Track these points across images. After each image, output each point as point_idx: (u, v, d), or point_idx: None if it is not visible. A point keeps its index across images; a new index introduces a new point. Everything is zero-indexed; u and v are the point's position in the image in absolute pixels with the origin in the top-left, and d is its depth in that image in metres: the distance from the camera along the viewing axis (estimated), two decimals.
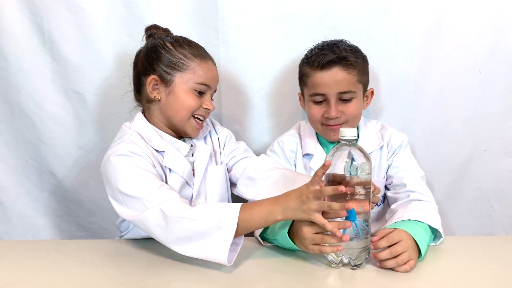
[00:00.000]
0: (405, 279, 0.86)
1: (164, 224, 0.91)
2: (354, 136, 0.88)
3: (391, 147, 1.23)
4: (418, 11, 1.33)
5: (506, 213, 1.45)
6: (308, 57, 1.20)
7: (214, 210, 0.91)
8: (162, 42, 1.11)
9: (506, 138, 1.41)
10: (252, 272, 0.90)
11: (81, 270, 0.92)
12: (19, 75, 1.35)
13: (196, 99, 1.10)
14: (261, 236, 1.03)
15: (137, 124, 1.11)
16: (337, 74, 1.13)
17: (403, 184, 1.16)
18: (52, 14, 1.31)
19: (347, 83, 1.14)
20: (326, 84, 1.14)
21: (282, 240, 0.97)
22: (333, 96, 1.14)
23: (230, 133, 1.27)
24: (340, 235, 0.84)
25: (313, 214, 0.86)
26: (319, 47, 1.19)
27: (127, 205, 0.98)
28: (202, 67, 1.10)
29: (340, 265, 0.90)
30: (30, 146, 1.41)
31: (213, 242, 0.88)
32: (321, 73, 1.14)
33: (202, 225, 0.89)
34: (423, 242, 0.93)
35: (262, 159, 1.22)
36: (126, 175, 0.98)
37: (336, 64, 1.13)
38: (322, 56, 1.14)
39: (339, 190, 0.82)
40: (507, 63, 1.36)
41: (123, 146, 1.03)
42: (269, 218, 0.90)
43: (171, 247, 0.92)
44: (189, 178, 1.12)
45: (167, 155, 1.09)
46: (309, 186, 0.86)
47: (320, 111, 1.17)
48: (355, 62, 1.15)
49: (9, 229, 1.44)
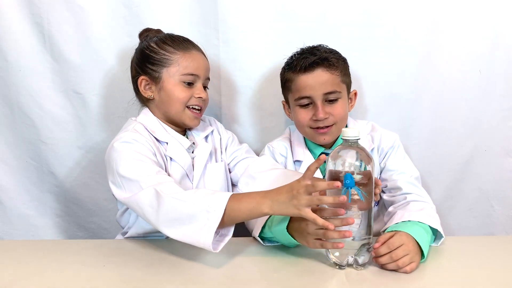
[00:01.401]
0: (406, 279, 0.86)
1: (156, 204, 0.92)
2: (357, 136, 0.87)
3: (382, 150, 1.21)
4: (418, 11, 1.33)
5: (506, 213, 1.45)
6: (289, 63, 1.20)
7: (205, 194, 0.92)
8: (147, 43, 1.15)
9: (506, 138, 1.41)
10: (252, 272, 0.90)
11: (81, 270, 0.92)
12: (19, 75, 1.35)
13: (185, 90, 1.12)
14: (261, 236, 1.03)
15: (143, 117, 1.16)
16: (320, 75, 1.14)
17: (398, 188, 1.14)
18: (52, 14, 1.32)
19: (331, 84, 1.14)
20: (310, 86, 1.14)
21: (281, 236, 0.96)
22: (319, 97, 1.14)
23: (233, 135, 1.29)
24: (332, 228, 0.82)
25: (303, 209, 0.84)
26: (299, 52, 1.19)
27: (125, 188, 1.00)
28: (186, 58, 1.12)
29: (345, 267, 0.90)
30: (30, 146, 1.41)
31: (200, 226, 0.88)
32: (305, 75, 1.14)
33: (191, 208, 0.89)
34: (425, 243, 0.93)
35: (263, 159, 1.23)
36: (127, 159, 1.02)
37: (318, 65, 1.14)
38: (304, 60, 1.14)
39: (334, 186, 0.81)
40: (507, 63, 1.36)
41: (127, 134, 1.07)
42: (255, 210, 0.89)
43: (160, 229, 0.93)
44: (189, 171, 1.14)
45: (170, 146, 1.13)
46: (301, 181, 0.85)
47: (308, 115, 1.17)
48: (336, 62, 1.16)
49: (9, 229, 1.45)
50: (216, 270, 0.91)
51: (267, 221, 1.00)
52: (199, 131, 1.22)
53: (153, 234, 1.11)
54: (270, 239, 1.02)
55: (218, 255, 0.95)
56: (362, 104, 1.38)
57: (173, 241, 1.04)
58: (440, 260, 0.95)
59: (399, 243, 0.89)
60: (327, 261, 0.92)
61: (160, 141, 1.13)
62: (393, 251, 0.88)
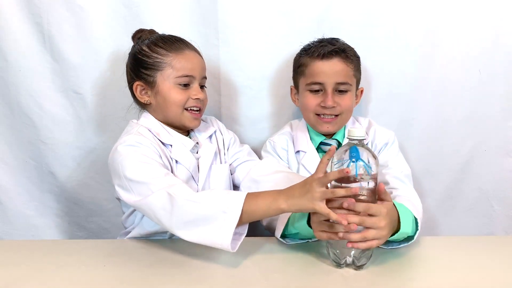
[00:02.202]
0: (404, 279, 0.87)
1: (170, 207, 0.91)
2: (363, 136, 0.87)
3: (375, 146, 1.22)
4: (418, 11, 1.33)
5: (506, 213, 1.45)
6: (306, 49, 1.23)
7: (220, 195, 0.92)
8: (139, 47, 1.13)
9: (506, 138, 1.41)
10: (253, 272, 0.90)
11: (81, 270, 0.91)
12: (19, 75, 1.35)
13: (181, 92, 1.11)
14: (282, 236, 1.01)
15: (145, 120, 1.14)
16: (336, 65, 1.17)
17: (386, 182, 1.13)
18: (52, 14, 1.31)
19: (345, 75, 1.18)
20: (325, 73, 1.17)
21: (302, 229, 0.96)
22: (330, 85, 1.17)
23: (235, 136, 1.29)
24: (345, 223, 0.82)
25: (316, 203, 0.84)
26: (317, 41, 1.23)
27: (134, 191, 0.99)
28: (179, 60, 1.10)
29: (343, 265, 0.90)
30: (30, 146, 1.41)
31: (217, 227, 0.88)
32: (321, 62, 1.18)
33: (207, 209, 0.89)
34: (406, 222, 0.91)
35: (265, 162, 1.23)
36: (133, 162, 1.00)
37: (336, 54, 1.18)
38: (322, 47, 1.18)
39: (344, 172, 0.81)
40: (507, 63, 1.36)
41: (131, 137, 1.06)
42: (272, 206, 0.89)
43: (174, 231, 0.92)
44: (195, 173, 1.13)
45: (174, 148, 1.12)
46: (314, 175, 0.86)
47: (316, 101, 1.20)
48: (352, 56, 1.20)
49: (9, 229, 1.44)
50: (217, 270, 0.91)
51: (289, 219, 0.99)
52: (201, 131, 1.21)
53: (155, 235, 1.11)
54: (294, 237, 1.01)
55: (219, 255, 0.95)
56: (362, 104, 1.38)
57: (173, 241, 1.04)
58: (440, 260, 0.95)
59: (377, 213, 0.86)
60: (327, 261, 0.92)
61: (165, 144, 1.12)
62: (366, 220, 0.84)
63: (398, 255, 0.96)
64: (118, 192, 1.03)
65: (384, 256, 0.94)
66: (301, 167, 1.23)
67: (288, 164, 1.26)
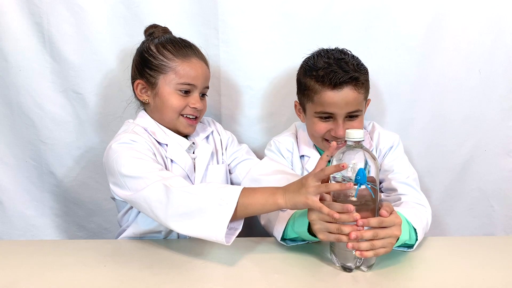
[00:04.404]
0: (404, 279, 0.86)
1: (166, 199, 0.91)
2: (361, 138, 0.87)
3: (380, 150, 1.19)
4: (418, 11, 1.33)
5: (506, 213, 1.45)
6: (313, 69, 1.12)
7: (216, 188, 0.91)
8: (147, 46, 1.13)
9: (506, 138, 1.41)
10: (252, 272, 0.90)
11: (81, 270, 0.91)
12: (19, 75, 1.35)
13: (181, 99, 1.11)
14: (282, 239, 1.00)
15: (141, 120, 1.15)
16: (348, 94, 1.09)
17: (393, 188, 1.12)
18: (52, 14, 1.31)
19: (356, 103, 1.11)
20: (336, 104, 1.09)
21: (303, 235, 0.94)
22: (341, 116, 1.11)
23: (232, 135, 1.29)
24: (338, 216, 0.81)
25: (310, 197, 0.84)
26: (325, 60, 1.11)
27: (128, 187, 0.99)
28: (184, 67, 1.10)
29: (352, 269, 0.88)
30: (30, 146, 1.41)
31: (211, 219, 0.87)
32: (333, 92, 1.09)
33: (202, 201, 0.89)
34: (405, 234, 0.91)
35: (266, 162, 1.22)
36: (127, 158, 1.01)
37: (348, 84, 1.09)
38: (333, 74, 1.08)
39: (340, 167, 0.81)
40: (507, 63, 1.36)
41: (125, 135, 1.06)
42: (269, 201, 0.89)
43: (169, 224, 0.92)
44: (191, 173, 1.13)
45: (170, 147, 1.12)
46: (311, 171, 0.86)
47: (326, 128, 1.13)
48: (364, 80, 1.12)
49: (9, 229, 1.45)
50: (217, 270, 0.91)
51: (288, 222, 0.98)
52: (198, 132, 1.21)
53: (149, 235, 1.11)
54: (294, 238, 1.00)
55: (219, 256, 0.95)
56: None
57: (173, 242, 1.05)
58: (440, 260, 0.95)
59: (390, 223, 0.85)
60: (328, 261, 0.92)
61: (161, 143, 1.12)
62: (379, 232, 0.84)
63: (399, 255, 0.95)
64: (113, 190, 1.03)
65: (384, 256, 0.94)
66: (305, 172, 1.21)
67: (292, 166, 1.24)
